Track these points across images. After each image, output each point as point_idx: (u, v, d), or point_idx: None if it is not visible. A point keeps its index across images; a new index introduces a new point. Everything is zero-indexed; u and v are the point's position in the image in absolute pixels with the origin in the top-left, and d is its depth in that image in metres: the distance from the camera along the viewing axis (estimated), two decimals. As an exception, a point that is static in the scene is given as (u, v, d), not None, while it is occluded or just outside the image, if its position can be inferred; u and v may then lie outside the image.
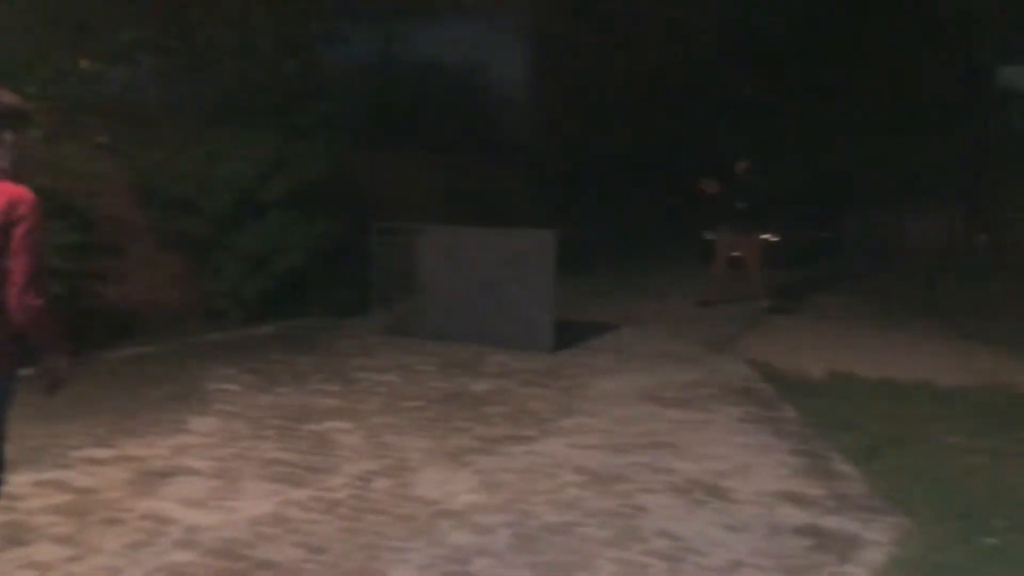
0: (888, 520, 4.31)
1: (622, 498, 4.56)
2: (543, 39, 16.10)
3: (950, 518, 4.33)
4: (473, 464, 5.07)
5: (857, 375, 7.31)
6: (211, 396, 6.55)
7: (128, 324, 8.61)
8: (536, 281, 8.19)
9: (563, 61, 16.06)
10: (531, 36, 16.03)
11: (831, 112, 16.53)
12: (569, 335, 8.52)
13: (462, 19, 15.19)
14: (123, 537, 4.00)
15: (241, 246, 9.19)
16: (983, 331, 8.97)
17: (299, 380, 7.10)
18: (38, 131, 7.25)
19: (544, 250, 8.16)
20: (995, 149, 16.27)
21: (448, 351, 8.16)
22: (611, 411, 6.21)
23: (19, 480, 4.66)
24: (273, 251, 9.20)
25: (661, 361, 7.88)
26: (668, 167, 17.13)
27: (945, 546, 4.01)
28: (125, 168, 8.89)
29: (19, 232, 2.95)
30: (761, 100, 17.67)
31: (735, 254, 10.87)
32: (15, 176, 3.04)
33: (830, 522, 4.29)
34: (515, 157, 14.90)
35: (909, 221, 17.01)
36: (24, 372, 3.28)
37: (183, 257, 9.37)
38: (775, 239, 11.05)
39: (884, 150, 16.17)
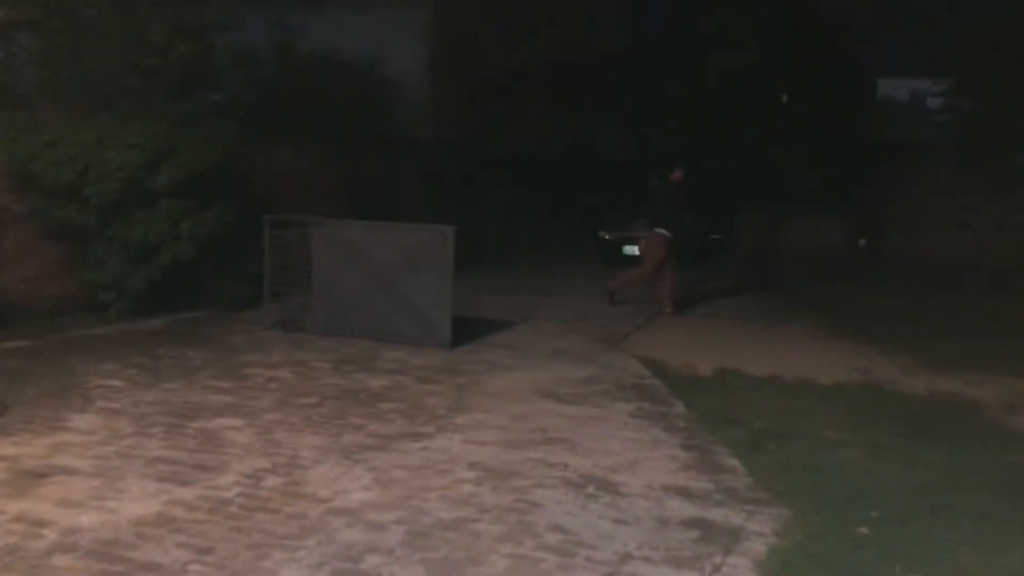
0: (770, 512, 4.49)
1: (516, 493, 4.61)
2: (444, 32, 16.02)
3: (828, 509, 4.54)
4: (367, 461, 5.03)
5: (744, 372, 7.58)
6: (93, 392, 6.29)
7: (2, 316, 8.17)
8: (434, 277, 8.16)
9: (464, 55, 16.03)
10: (431, 29, 15.93)
11: (724, 113, 16.99)
12: (466, 332, 8.53)
13: (361, 10, 14.99)
14: (-7, 541, 3.80)
15: (127, 236, 8.82)
16: (862, 331, 9.42)
17: (187, 376, 6.88)
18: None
19: (442, 246, 8.13)
20: (874, 157, 17.12)
21: (343, 347, 8.06)
22: (507, 407, 6.26)
23: None
24: (161, 242, 8.88)
25: (556, 358, 7.97)
26: (568, 165, 17.36)
27: (823, 536, 4.21)
28: (2, 153, 8.42)
29: None
30: (657, 98, 18.02)
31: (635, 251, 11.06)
32: None
33: (716, 514, 4.44)
34: (414, 152, 14.79)
35: (796, 224, 17.74)
36: None
37: (64, 247, 8.94)
38: (669, 234, 11.32)
39: (773, 154, 16.76)
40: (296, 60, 13.59)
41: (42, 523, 4.00)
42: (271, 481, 4.67)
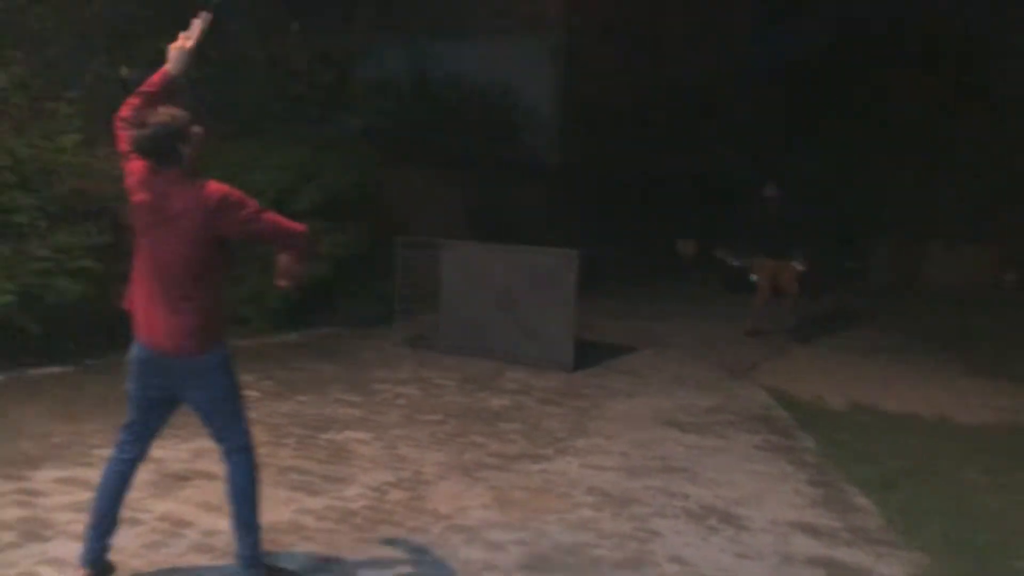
0: (903, 555, 4.29)
1: (635, 521, 4.57)
2: (572, 58, 16.18)
3: (965, 556, 4.29)
4: (487, 480, 5.10)
5: (877, 407, 7.26)
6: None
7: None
8: (557, 300, 8.22)
9: (592, 80, 16.13)
10: (561, 55, 16.11)
11: (860, 137, 16.42)
12: (588, 355, 8.54)
13: (494, 38, 15.33)
14: (140, 538, 4.07)
15: (267, 254, 9.26)
16: (1006, 369, 8.88)
17: (320, 389, 7.17)
18: (75, 135, 7.42)
19: (566, 269, 8.19)
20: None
21: (467, 366, 8.21)
22: (627, 433, 6.22)
23: (42, 476, 4.77)
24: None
25: (679, 385, 7.87)
26: (694, 188, 17.15)
27: (959, 584, 3.99)
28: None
29: (244, 216, 3.40)
30: (788, 123, 17.60)
31: (761, 280, 10.77)
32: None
33: (843, 554, 4.27)
34: (542, 175, 14.96)
35: (937, 254, 16.87)
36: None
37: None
38: (802, 268, 11.02)
39: (913, 180, 16.04)
40: (430, 86, 14.03)
41: (183, 524, 4.25)
42: (395, 495, 4.80)
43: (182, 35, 3.71)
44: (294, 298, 9.40)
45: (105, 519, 3.60)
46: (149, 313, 3.44)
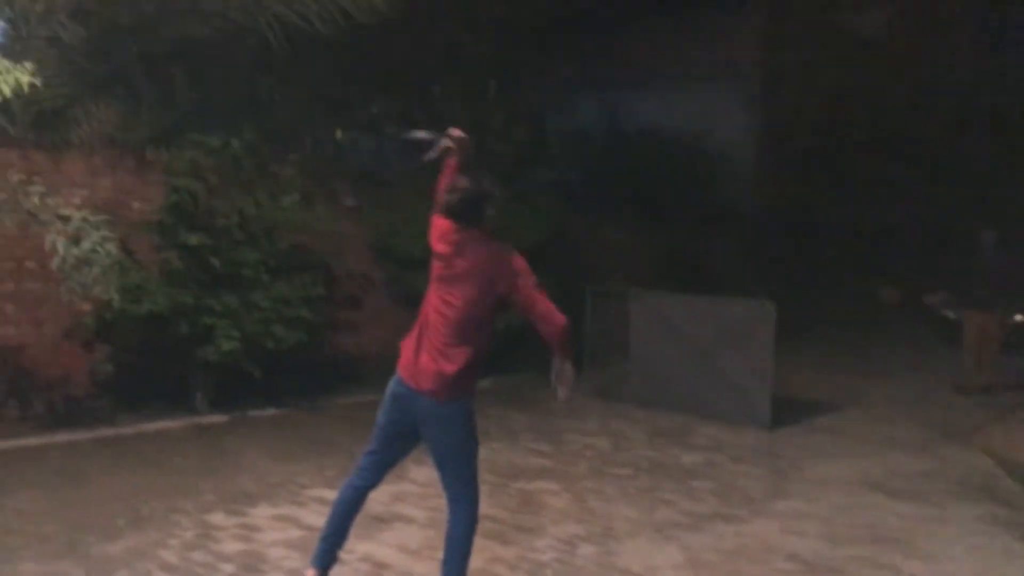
0: None
1: (838, 593, 4.30)
2: (769, 103, 15.81)
3: None
4: (679, 539, 4.98)
5: (1124, 480, 6.47)
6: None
7: (361, 372, 9.24)
8: (754, 353, 7.96)
9: (789, 125, 15.67)
10: (757, 101, 15.80)
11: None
12: (787, 412, 8.17)
13: (687, 87, 15.27)
14: (345, 577, 4.28)
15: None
16: None
17: (511, 437, 7.30)
18: (295, 194, 8.07)
19: (763, 321, 7.93)
20: None
21: (658, 419, 8.09)
22: (829, 497, 5.88)
23: (259, 513, 5.14)
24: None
25: (888, 447, 7.35)
26: (901, 237, 16.15)
27: None
28: (367, 228, 9.63)
29: (524, 284, 3.75)
30: (1000, 170, 16.26)
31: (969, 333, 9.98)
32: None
33: (1084, 648, 3.81)
34: (737, 225, 14.63)
35: None
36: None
37: (412, 312, 9.91)
38: (1018, 320, 10.05)
39: None
40: (622, 137, 14.14)
41: (383, 565, 4.45)
42: (585, 549, 4.79)
43: (452, 130, 4.20)
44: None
45: (335, 533, 3.96)
46: (418, 354, 3.76)
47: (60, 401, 7.28)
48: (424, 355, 3.74)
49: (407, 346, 3.86)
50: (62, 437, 6.65)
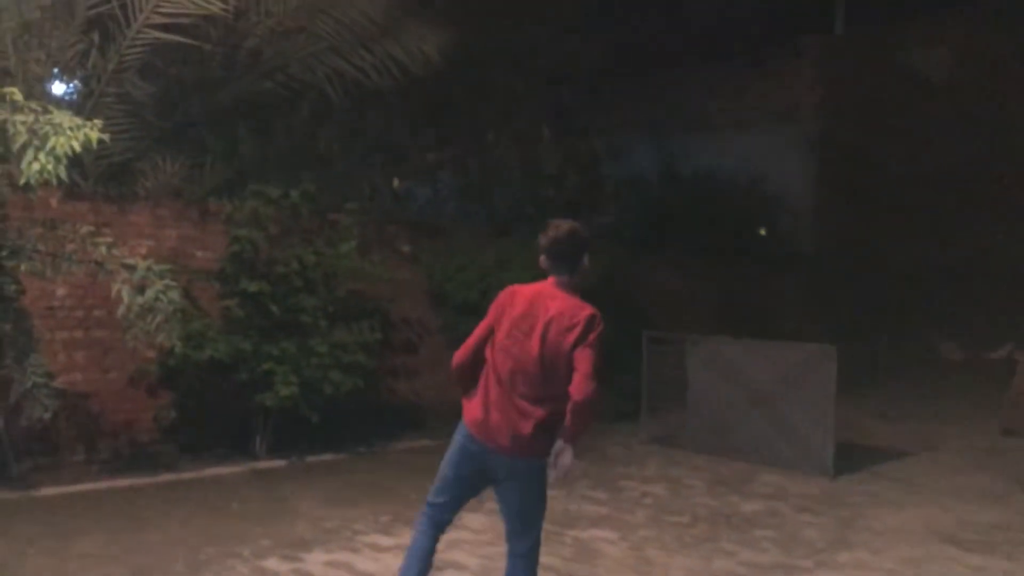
0: None
1: (906, 650, 4.12)
2: (829, 146, 15.65)
3: None
4: (739, 591, 4.84)
5: None
6: (484, 494, 6.82)
7: (416, 418, 9.28)
8: (815, 398, 7.77)
9: (850, 169, 15.47)
10: (815, 143, 15.66)
11: None
12: (851, 459, 7.94)
13: (744, 130, 15.23)
14: (397, 624, 4.25)
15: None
16: None
17: (567, 484, 7.21)
18: (352, 242, 8.22)
19: (824, 365, 7.75)
20: None
21: (717, 466, 7.93)
22: (897, 549, 5.66)
23: (313, 559, 5.16)
24: (548, 355, 9.55)
25: (959, 496, 7.07)
26: (965, 280, 15.73)
27: None
28: (423, 275, 9.74)
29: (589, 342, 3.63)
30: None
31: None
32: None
33: None
34: (796, 267, 14.43)
35: None
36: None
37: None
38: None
39: None
40: (679, 180, 14.13)
41: (436, 613, 4.40)
42: (641, 600, 4.69)
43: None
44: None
45: None
46: (494, 411, 3.70)
47: (125, 446, 7.45)
48: (503, 412, 3.70)
49: (477, 402, 3.79)
50: (125, 482, 6.79)
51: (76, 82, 7.77)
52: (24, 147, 5.37)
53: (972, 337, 14.95)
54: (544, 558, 5.30)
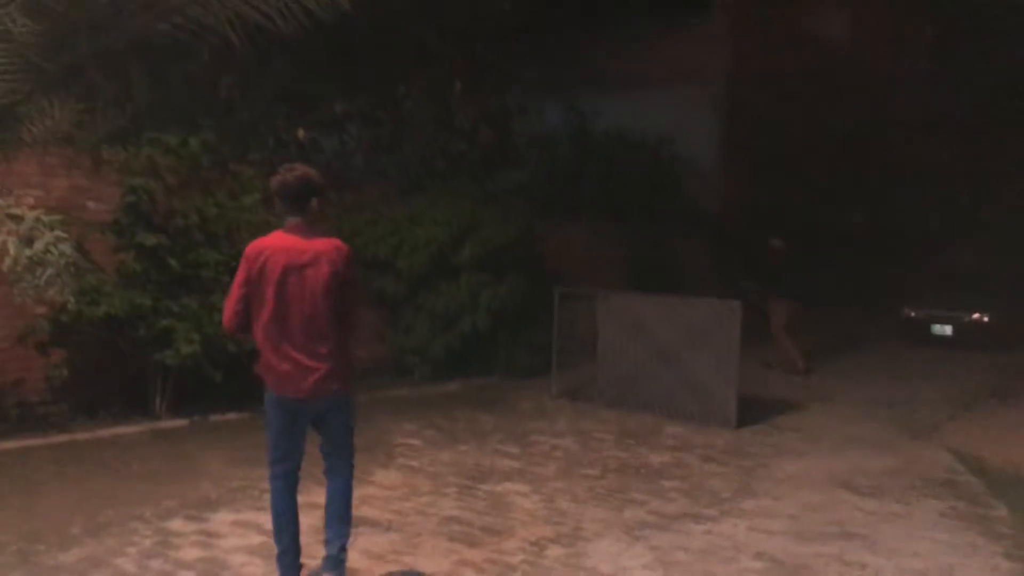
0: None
1: (808, 590, 4.28)
2: (734, 106, 15.92)
3: None
4: (648, 539, 4.93)
5: (1084, 475, 6.55)
6: (395, 449, 6.79)
7: (324, 376, 9.10)
8: (720, 353, 7.96)
9: (755, 128, 15.78)
10: (722, 104, 15.90)
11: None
12: (753, 411, 8.20)
13: (652, 91, 15.31)
14: (308, 582, 4.17)
15: (431, 306, 9.55)
16: None
17: (479, 439, 7.22)
18: (256, 195, 7.93)
19: (729, 321, 7.94)
20: None
21: (625, 420, 8.06)
22: (797, 495, 5.88)
23: (220, 519, 5.01)
24: (461, 312, 9.51)
25: (853, 445, 7.39)
26: (866, 236, 16.37)
27: None
28: (331, 230, 9.48)
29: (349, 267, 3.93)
30: (963, 169, 16.55)
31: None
32: (311, 233, 3.93)
33: (1050, 641, 3.82)
34: (701, 226, 14.70)
35: None
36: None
37: (377, 314, 9.84)
38: (985, 318, 10.20)
39: None
40: (589, 140, 14.14)
41: (347, 571, 4.33)
42: (554, 551, 4.72)
43: None
44: (456, 349, 9.60)
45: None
46: (292, 360, 3.88)
47: (13, 407, 7.07)
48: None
49: None
50: (15, 444, 6.45)
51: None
52: None
53: (876, 289, 15.57)
54: (458, 512, 5.32)
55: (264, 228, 8.10)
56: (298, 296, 3.80)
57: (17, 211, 5.88)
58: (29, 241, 5.90)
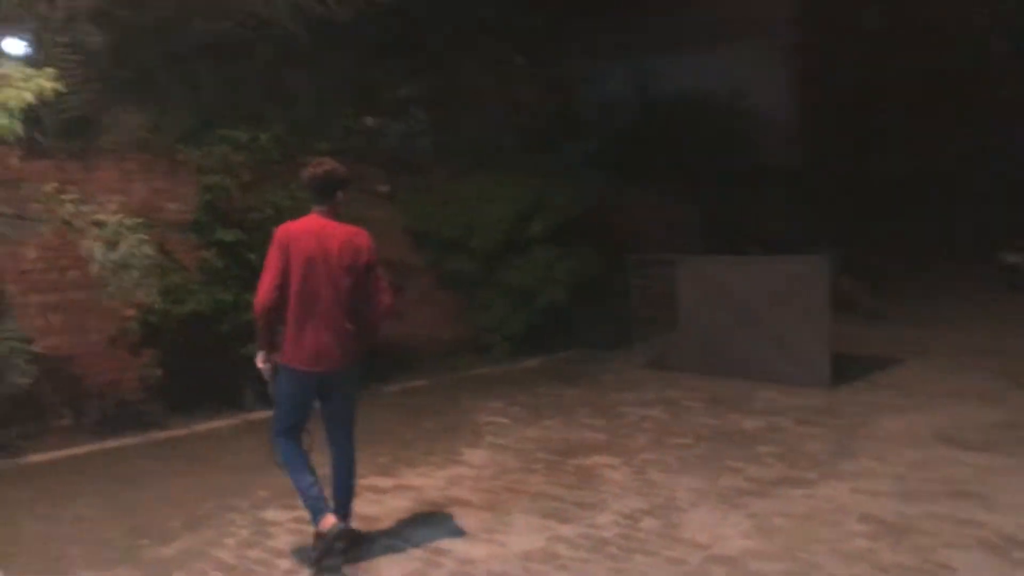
0: None
1: (920, 553, 4.08)
2: (808, 55, 15.34)
3: None
4: (746, 507, 4.79)
5: None
6: (482, 428, 6.77)
7: (406, 358, 9.16)
8: (809, 310, 7.69)
9: (830, 79, 15.18)
10: (795, 53, 15.33)
11: None
12: (847, 369, 7.91)
13: (720, 45, 14.86)
14: (401, 566, 4.18)
15: (507, 283, 9.50)
16: None
17: (565, 413, 7.15)
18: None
19: (817, 277, 7.65)
20: None
21: (713, 386, 7.87)
22: (900, 454, 5.63)
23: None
24: (537, 287, 9.43)
25: (957, 398, 7.06)
26: (957, 182, 15.63)
27: None
28: (402, 213, 9.51)
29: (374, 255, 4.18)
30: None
31: None
32: (337, 220, 4.21)
33: None
34: (780, 181, 14.25)
35: None
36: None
37: (454, 295, 9.84)
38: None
39: None
40: (655, 103, 13.83)
41: (441, 552, 4.33)
42: (648, 523, 4.62)
43: None
44: (534, 324, 9.53)
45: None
46: (323, 336, 4.18)
47: (111, 407, 7.30)
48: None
49: None
50: (114, 443, 6.66)
51: (28, 35, 7.38)
52: (-27, 103, 5.08)
53: (971, 235, 14.88)
54: (549, 488, 5.26)
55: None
56: (325, 276, 4.05)
57: (100, 217, 6.02)
58: (114, 245, 6.04)
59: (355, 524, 4.70)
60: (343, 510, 4.37)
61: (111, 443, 6.67)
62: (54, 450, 6.49)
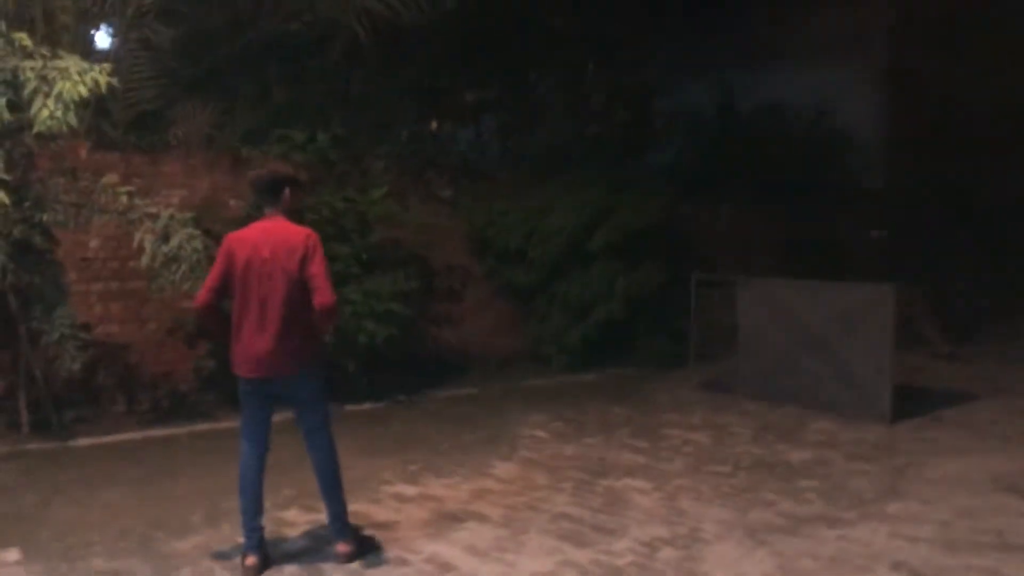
0: None
1: (950, 609, 3.79)
2: (899, 77, 14.70)
3: None
4: (773, 544, 4.55)
5: None
6: (519, 442, 6.67)
7: (461, 365, 9.14)
8: (872, 340, 7.32)
9: (923, 99, 14.51)
10: (886, 75, 14.72)
11: None
12: (913, 404, 7.51)
13: (808, 62, 14.39)
14: (404, 578, 4.11)
15: (566, 294, 9.37)
16: None
17: (608, 431, 6.99)
18: (384, 188, 8.01)
19: (882, 306, 7.28)
20: None
21: (767, 413, 7.58)
22: (951, 498, 5.28)
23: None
24: (595, 300, 9.28)
25: (1028, 443, 6.61)
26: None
27: None
28: (464, 220, 9.49)
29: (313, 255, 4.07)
30: None
31: None
32: (285, 222, 4.20)
33: None
34: (864, 203, 13.70)
35: None
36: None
37: (512, 304, 9.77)
38: None
39: None
40: (738, 115, 13.46)
41: (447, 567, 4.24)
42: (667, 553, 4.44)
43: None
44: (592, 338, 9.38)
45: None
46: (266, 343, 4.12)
47: (165, 397, 7.50)
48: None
49: None
50: (161, 432, 6.82)
51: (105, 29, 7.67)
52: (34, 93, 5.28)
53: None
54: (572, 508, 5.12)
55: (393, 220, 8.26)
56: (262, 280, 4.03)
57: (153, 210, 6.18)
58: (165, 238, 6.19)
59: (368, 531, 4.69)
60: (333, 526, 4.35)
61: (158, 432, 6.83)
62: (104, 435, 6.69)
